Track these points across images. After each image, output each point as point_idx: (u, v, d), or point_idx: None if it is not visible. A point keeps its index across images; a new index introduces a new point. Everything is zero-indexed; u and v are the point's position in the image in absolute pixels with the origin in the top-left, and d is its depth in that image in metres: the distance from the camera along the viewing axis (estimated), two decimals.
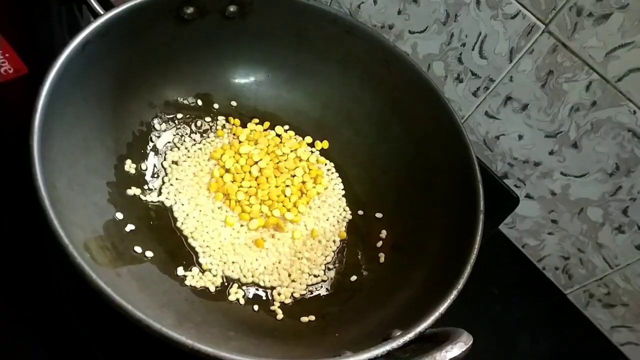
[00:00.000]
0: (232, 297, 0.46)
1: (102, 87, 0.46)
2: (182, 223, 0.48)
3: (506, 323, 0.57)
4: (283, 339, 0.43)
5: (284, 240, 0.50)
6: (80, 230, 0.39)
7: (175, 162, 0.51)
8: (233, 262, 0.47)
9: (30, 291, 0.44)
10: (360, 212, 0.54)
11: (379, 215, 0.54)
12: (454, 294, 0.39)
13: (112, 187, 0.46)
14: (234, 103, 0.57)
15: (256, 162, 0.52)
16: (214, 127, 0.55)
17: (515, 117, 0.55)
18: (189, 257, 0.47)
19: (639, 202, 0.51)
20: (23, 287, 0.44)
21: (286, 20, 0.53)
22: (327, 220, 0.53)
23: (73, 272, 0.32)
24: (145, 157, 0.50)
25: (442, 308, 0.38)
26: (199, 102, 0.55)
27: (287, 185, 0.52)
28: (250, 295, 0.47)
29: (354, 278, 0.50)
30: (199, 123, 0.54)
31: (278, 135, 0.56)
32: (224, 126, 0.55)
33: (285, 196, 0.52)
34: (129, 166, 0.49)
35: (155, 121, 0.52)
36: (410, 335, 0.35)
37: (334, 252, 0.51)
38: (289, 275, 0.48)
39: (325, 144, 0.57)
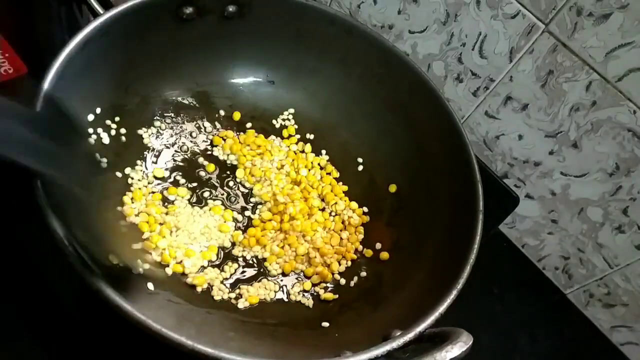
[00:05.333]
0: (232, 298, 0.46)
1: (101, 87, 0.46)
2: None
3: (506, 323, 0.57)
4: (283, 339, 0.43)
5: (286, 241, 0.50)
6: (80, 230, 0.39)
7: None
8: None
9: (31, 291, 0.44)
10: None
11: (378, 215, 0.54)
12: (453, 293, 0.39)
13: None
14: (233, 103, 0.57)
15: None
16: (212, 131, 0.55)
17: (515, 117, 0.55)
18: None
19: (639, 202, 0.51)
20: (23, 287, 0.44)
21: (285, 20, 0.53)
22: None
23: (73, 273, 0.32)
24: (144, 158, 0.50)
25: (442, 308, 0.38)
26: (198, 102, 0.55)
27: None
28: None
29: (354, 278, 0.50)
30: (198, 123, 0.54)
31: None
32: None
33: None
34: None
35: (155, 121, 0.52)
36: (410, 335, 0.35)
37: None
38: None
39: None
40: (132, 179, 0.48)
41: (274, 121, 0.57)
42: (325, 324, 0.45)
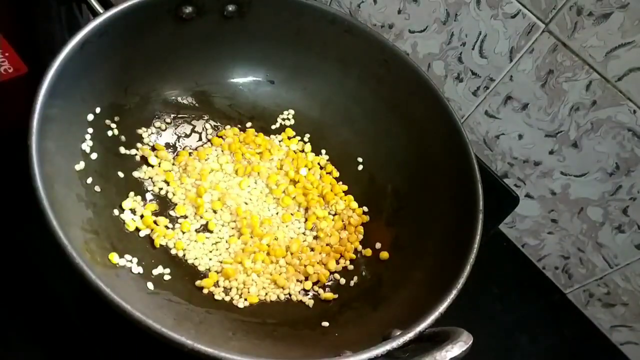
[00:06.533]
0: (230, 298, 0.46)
1: (101, 87, 0.46)
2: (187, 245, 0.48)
3: (506, 323, 0.57)
4: (283, 339, 0.43)
5: (284, 244, 0.50)
6: (80, 230, 0.39)
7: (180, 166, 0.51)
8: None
9: (30, 291, 0.44)
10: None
11: (378, 214, 0.54)
12: (453, 293, 0.39)
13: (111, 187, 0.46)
14: (232, 102, 0.56)
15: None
16: (211, 130, 0.55)
17: (515, 116, 0.55)
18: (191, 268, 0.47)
19: (639, 201, 0.51)
20: (23, 287, 0.44)
21: (285, 19, 0.53)
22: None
23: (73, 273, 0.32)
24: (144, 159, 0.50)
25: (442, 308, 0.38)
26: (198, 102, 0.55)
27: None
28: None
29: (354, 278, 0.50)
30: (197, 123, 0.54)
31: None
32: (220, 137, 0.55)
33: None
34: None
35: (154, 121, 0.52)
36: (410, 334, 0.35)
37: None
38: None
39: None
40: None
41: (273, 120, 0.57)
42: (325, 324, 0.45)
